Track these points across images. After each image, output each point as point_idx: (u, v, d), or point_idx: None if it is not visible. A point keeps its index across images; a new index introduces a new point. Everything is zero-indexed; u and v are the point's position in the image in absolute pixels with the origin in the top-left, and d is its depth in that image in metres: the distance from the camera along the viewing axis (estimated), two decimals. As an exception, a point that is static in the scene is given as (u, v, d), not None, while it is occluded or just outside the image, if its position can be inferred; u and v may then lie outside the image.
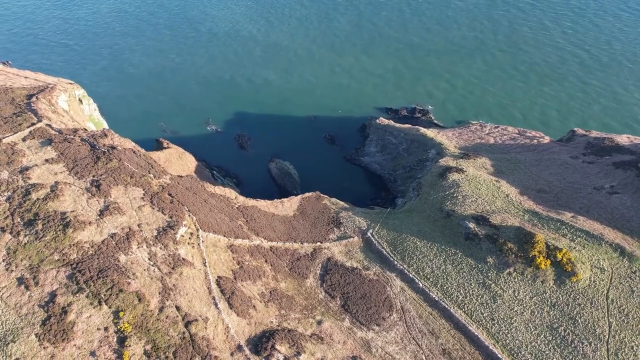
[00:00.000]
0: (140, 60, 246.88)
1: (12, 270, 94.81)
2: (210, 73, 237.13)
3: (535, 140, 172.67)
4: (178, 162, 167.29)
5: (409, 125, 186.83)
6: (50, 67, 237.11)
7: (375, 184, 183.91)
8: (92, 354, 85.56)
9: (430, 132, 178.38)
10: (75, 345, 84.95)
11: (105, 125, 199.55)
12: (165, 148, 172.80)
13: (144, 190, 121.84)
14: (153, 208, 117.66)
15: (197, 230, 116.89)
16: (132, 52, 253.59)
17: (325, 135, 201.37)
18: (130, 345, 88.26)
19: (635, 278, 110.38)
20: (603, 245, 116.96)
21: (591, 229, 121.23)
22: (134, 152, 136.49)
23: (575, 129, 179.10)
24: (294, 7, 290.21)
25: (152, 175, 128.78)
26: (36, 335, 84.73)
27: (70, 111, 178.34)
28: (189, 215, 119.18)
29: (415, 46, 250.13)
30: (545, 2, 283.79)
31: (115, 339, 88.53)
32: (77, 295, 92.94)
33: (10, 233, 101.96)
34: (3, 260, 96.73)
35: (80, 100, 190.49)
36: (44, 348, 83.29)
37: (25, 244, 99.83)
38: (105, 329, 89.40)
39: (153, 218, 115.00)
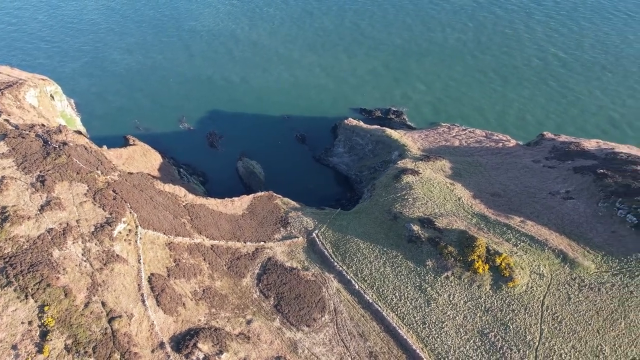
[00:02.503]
0: (121, 58, 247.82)
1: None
2: (189, 71, 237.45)
3: (501, 144, 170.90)
4: (142, 159, 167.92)
5: (377, 126, 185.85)
6: (31, 63, 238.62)
7: (342, 185, 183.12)
8: (14, 347, 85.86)
9: (395, 134, 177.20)
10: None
11: (78, 122, 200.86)
12: (131, 145, 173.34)
13: (88, 186, 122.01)
14: (94, 204, 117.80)
15: (137, 227, 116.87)
16: (114, 49, 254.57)
17: (297, 135, 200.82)
18: (51, 340, 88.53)
19: (574, 285, 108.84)
20: (546, 251, 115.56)
21: (537, 234, 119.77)
22: (85, 149, 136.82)
23: (545, 132, 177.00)
24: (278, 7, 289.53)
25: (99, 172, 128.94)
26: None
27: (40, 107, 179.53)
28: (130, 212, 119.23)
29: (397, 47, 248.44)
30: (532, 5, 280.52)
31: (38, 333, 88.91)
32: (5, 289, 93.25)
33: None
34: None
35: (52, 96, 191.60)
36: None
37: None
38: (30, 322, 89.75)
39: (93, 214, 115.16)
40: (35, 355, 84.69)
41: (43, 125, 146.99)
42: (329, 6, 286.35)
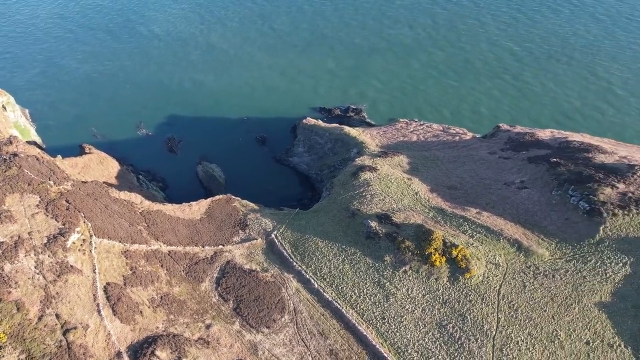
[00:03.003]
0: (76, 66, 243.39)
1: None
2: (146, 77, 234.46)
3: (458, 137, 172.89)
4: (98, 167, 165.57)
5: (335, 125, 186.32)
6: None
7: (304, 184, 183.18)
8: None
9: (354, 131, 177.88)
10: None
11: (33, 132, 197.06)
12: (87, 153, 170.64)
13: (40, 197, 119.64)
14: (47, 215, 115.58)
15: (91, 236, 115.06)
16: (68, 57, 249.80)
17: (257, 137, 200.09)
18: (4, 356, 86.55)
19: (529, 273, 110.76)
20: (501, 240, 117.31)
21: (492, 225, 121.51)
22: (37, 159, 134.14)
23: (500, 124, 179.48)
24: (233, 9, 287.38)
25: (52, 182, 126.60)
26: None
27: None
28: (84, 222, 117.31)
29: (355, 46, 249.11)
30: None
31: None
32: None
33: None
34: None
35: (4, 107, 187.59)
36: None
37: None
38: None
39: (45, 225, 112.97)
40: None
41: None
42: (284, 8, 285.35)
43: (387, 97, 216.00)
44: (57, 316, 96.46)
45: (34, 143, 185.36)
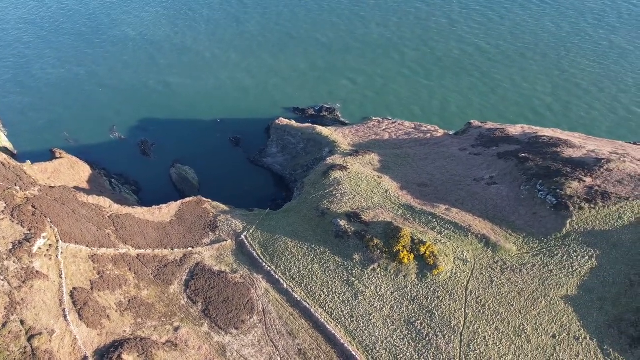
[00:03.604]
0: (47, 71, 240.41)
1: None
2: (118, 81, 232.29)
3: (429, 134, 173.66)
4: (69, 172, 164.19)
5: (308, 125, 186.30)
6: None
7: (278, 185, 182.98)
8: None
9: (326, 131, 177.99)
10: None
11: (3, 138, 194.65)
12: (57, 158, 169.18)
13: (6, 203, 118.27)
14: (12, 221, 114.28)
15: (57, 241, 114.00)
16: (39, 63, 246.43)
17: (231, 138, 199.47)
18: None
19: (496, 268, 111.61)
20: (469, 236, 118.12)
21: (461, 221, 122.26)
22: (3, 165, 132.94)
23: (472, 121, 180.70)
24: (203, 12, 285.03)
25: (18, 188, 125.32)
26: None
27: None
28: (51, 227, 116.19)
29: (325, 46, 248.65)
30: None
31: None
32: None
33: None
34: None
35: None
36: None
37: None
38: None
39: (10, 232, 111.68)
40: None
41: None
42: (255, 9, 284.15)
43: (360, 96, 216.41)
44: (22, 322, 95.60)
45: (4, 149, 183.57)
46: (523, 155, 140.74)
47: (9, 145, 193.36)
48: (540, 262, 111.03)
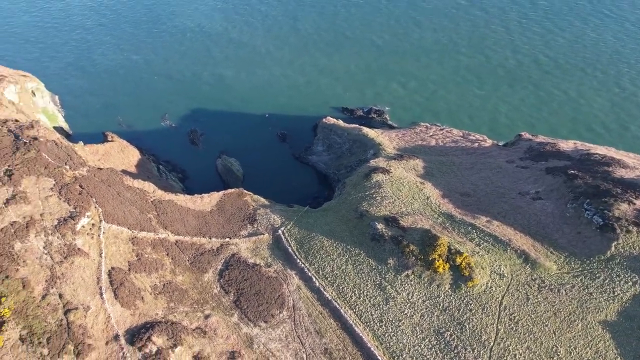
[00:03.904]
0: (106, 57, 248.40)
1: None
2: (173, 70, 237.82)
3: (477, 144, 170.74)
4: (119, 155, 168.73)
5: (354, 125, 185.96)
6: (18, 60, 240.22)
7: (321, 183, 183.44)
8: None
9: (372, 133, 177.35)
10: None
11: (60, 118, 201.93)
12: (109, 141, 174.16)
13: (55, 181, 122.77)
14: (60, 198, 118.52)
15: (100, 221, 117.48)
16: (99, 48, 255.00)
17: (278, 133, 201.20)
18: (7, 330, 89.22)
19: (533, 285, 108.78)
20: (508, 251, 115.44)
21: (501, 235, 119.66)
22: (56, 144, 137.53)
23: (522, 133, 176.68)
24: (261, 8, 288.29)
25: (67, 167, 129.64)
26: None
27: (20, 103, 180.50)
28: (95, 207, 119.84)
29: (379, 48, 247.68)
30: (514, 5, 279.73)
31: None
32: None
33: None
34: None
35: (34, 93, 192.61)
36: None
37: None
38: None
39: (57, 208, 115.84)
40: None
41: (16, 120, 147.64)
42: (312, 8, 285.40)
43: (409, 101, 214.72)
44: (60, 296, 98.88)
45: (60, 129, 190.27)
46: (572, 172, 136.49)
47: (65, 125, 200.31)
48: (580, 284, 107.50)
